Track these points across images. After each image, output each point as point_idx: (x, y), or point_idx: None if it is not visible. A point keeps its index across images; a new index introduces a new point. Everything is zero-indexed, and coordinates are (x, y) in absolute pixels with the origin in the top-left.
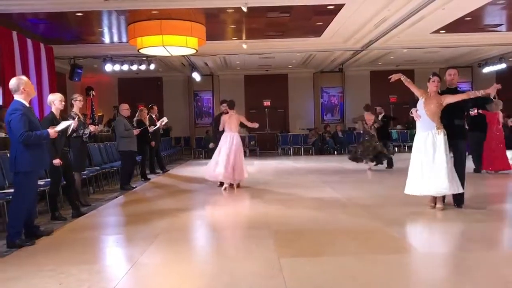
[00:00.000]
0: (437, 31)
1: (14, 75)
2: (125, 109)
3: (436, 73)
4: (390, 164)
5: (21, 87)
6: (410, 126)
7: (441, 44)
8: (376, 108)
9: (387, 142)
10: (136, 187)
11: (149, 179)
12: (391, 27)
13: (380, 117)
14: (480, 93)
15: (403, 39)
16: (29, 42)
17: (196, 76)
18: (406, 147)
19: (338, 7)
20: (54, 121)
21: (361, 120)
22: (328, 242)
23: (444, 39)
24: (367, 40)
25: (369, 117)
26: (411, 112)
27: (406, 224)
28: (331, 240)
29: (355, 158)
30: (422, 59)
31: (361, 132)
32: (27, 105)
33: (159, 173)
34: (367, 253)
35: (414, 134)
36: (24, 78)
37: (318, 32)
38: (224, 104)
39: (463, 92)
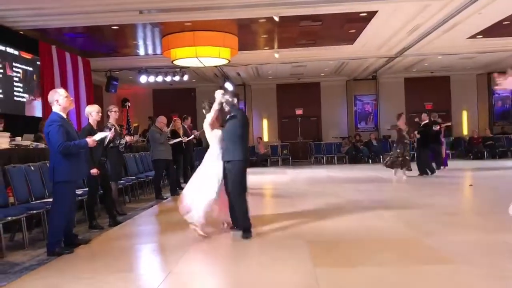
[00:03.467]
0: (473, 36)
1: (53, 87)
2: (161, 122)
3: None
4: (424, 171)
5: (54, 99)
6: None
7: (477, 49)
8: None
9: (434, 146)
10: (167, 198)
11: (183, 188)
12: (425, 33)
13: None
14: None
15: (438, 45)
16: (67, 55)
17: (229, 86)
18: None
19: (371, 15)
20: (92, 132)
21: (395, 129)
22: (364, 252)
23: (481, 44)
24: (400, 47)
25: (403, 125)
26: None
27: (443, 234)
28: (367, 250)
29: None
30: (458, 66)
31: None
32: (64, 116)
33: None
34: (404, 263)
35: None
36: (61, 91)
37: (350, 39)
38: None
39: None
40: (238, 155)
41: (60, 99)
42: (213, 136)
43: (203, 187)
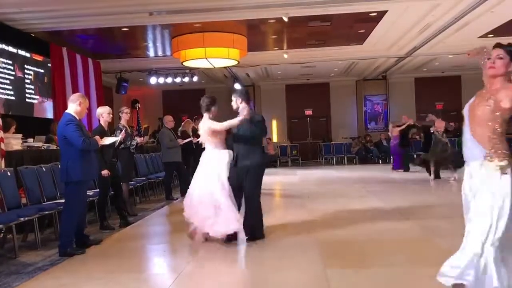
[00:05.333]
0: (485, 35)
1: (64, 89)
2: (169, 120)
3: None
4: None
5: (79, 100)
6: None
7: (489, 48)
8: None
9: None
10: (178, 199)
11: None
12: (435, 32)
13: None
14: None
15: (448, 44)
16: (78, 57)
17: (238, 87)
18: None
19: (381, 14)
20: (103, 133)
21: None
22: (375, 253)
23: (493, 43)
24: (411, 47)
25: (439, 124)
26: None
27: (456, 235)
28: (378, 250)
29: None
30: (469, 65)
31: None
32: (77, 118)
33: None
34: (415, 265)
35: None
36: (85, 97)
37: (360, 39)
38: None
39: None
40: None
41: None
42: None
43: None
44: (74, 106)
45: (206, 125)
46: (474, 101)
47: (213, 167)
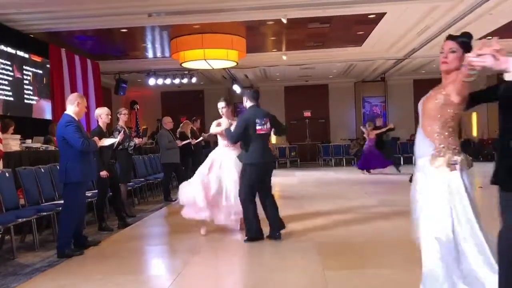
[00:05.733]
0: (483, 37)
1: (62, 90)
2: (168, 122)
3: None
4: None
5: (77, 101)
6: None
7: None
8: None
9: None
10: (176, 200)
11: None
12: (434, 34)
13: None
14: None
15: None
16: (77, 58)
17: (237, 88)
18: None
19: (380, 16)
20: (101, 134)
21: None
22: (374, 254)
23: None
24: (409, 49)
25: None
26: None
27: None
28: (377, 252)
29: None
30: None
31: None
32: (76, 119)
33: None
34: (415, 266)
35: None
36: (83, 96)
37: (359, 41)
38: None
39: None
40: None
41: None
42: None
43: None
44: (72, 107)
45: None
46: (428, 96)
47: (225, 163)
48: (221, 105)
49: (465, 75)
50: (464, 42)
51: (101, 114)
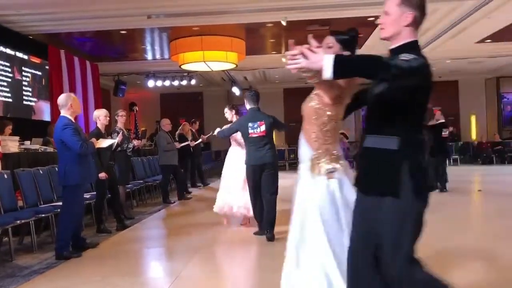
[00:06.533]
0: (482, 41)
1: (61, 92)
2: (166, 124)
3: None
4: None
5: (69, 103)
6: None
7: (486, 54)
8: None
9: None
10: (175, 202)
11: (190, 192)
12: (433, 37)
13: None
14: None
15: (446, 49)
16: (76, 60)
17: (236, 91)
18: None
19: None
20: (100, 136)
21: None
22: None
23: (490, 48)
24: None
25: None
26: None
27: (450, 237)
28: None
29: None
30: (467, 70)
31: None
32: (73, 120)
33: (199, 186)
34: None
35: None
36: (72, 95)
37: (358, 44)
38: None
39: None
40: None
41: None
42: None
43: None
44: (65, 109)
45: None
46: (308, 98)
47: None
48: (225, 111)
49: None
50: (343, 39)
51: (100, 116)
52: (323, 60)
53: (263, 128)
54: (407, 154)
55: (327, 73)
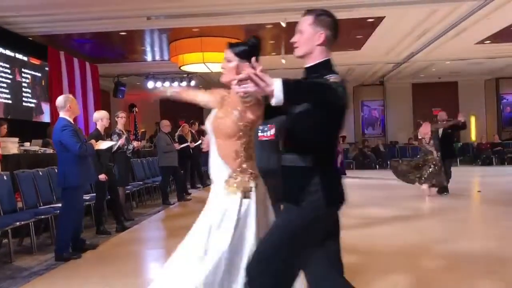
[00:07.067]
0: (481, 42)
1: (61, 93)
2: (165, 125)
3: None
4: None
5: (67, 105)
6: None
7: (486, 55)
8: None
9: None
10: (174, 203)
11: (189, 193)
12: (433, 39)
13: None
14: None
15: (445, 50)
16: (75, 61)
17: None
18: None
19: (379, 20)
20: (99, 138)
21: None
22: (375, 259)
23: (489, 49)
24: (408, 53)
25: (425, 130)
26: None
27: (451, 241)
28: (378, 257)
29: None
30: (466, 71)
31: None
32: (72, 122)
33: (199, 187)
34: (415, 270)
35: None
36: (70, 96)
37: (357, 45)
38: None
39: None
40: None
41: (103, 120)
42: None
43: None
44: (64, 111)
45: None
46: (218, 112)
47: None
48: None
49: (240, 96)
50: (242, 51)
51: (103, 118)
52: (273, 85)
53: (273, 131)
54: (321, 169)
55: (278, 98)
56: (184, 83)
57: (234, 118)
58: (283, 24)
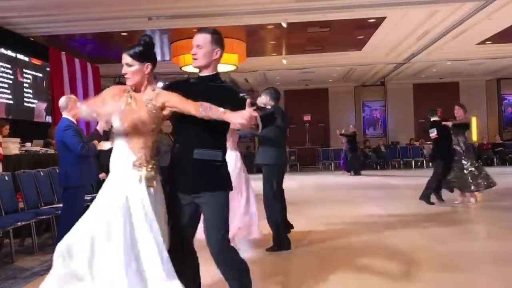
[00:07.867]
0: (482, 42)
1: (62, 94)
2: (166, 125)
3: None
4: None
5: (69, 105)
6: None
7: (487, 55)
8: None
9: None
10: None
11: None
12: (434, 39)
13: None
14: None
15: (446, 51)
16: (76, 61)
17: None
18: None
19: (380, 21)
20: (100, 138)
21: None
22: (373, 258)
23: (490, 50)
24: (409, 53)
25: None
26: None
27: (455, 242)
28: (376, 256)
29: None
30: (467, 71)
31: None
32: (75, 122)
33: None
34: (414, 270)
35: None
36: (73, 97)
37: (359, 46)
38: None
39: None
40: None
41: (74, 106)
42: None
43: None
44: (66, 112)
45: None
46: (129, 104)
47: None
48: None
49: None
50: (136, 54)
51: None
52: (259, 121)
53: None
54: (225, 162)
55: (260, 127)
56: None
57: (150, 111)
58: (284, 25)
